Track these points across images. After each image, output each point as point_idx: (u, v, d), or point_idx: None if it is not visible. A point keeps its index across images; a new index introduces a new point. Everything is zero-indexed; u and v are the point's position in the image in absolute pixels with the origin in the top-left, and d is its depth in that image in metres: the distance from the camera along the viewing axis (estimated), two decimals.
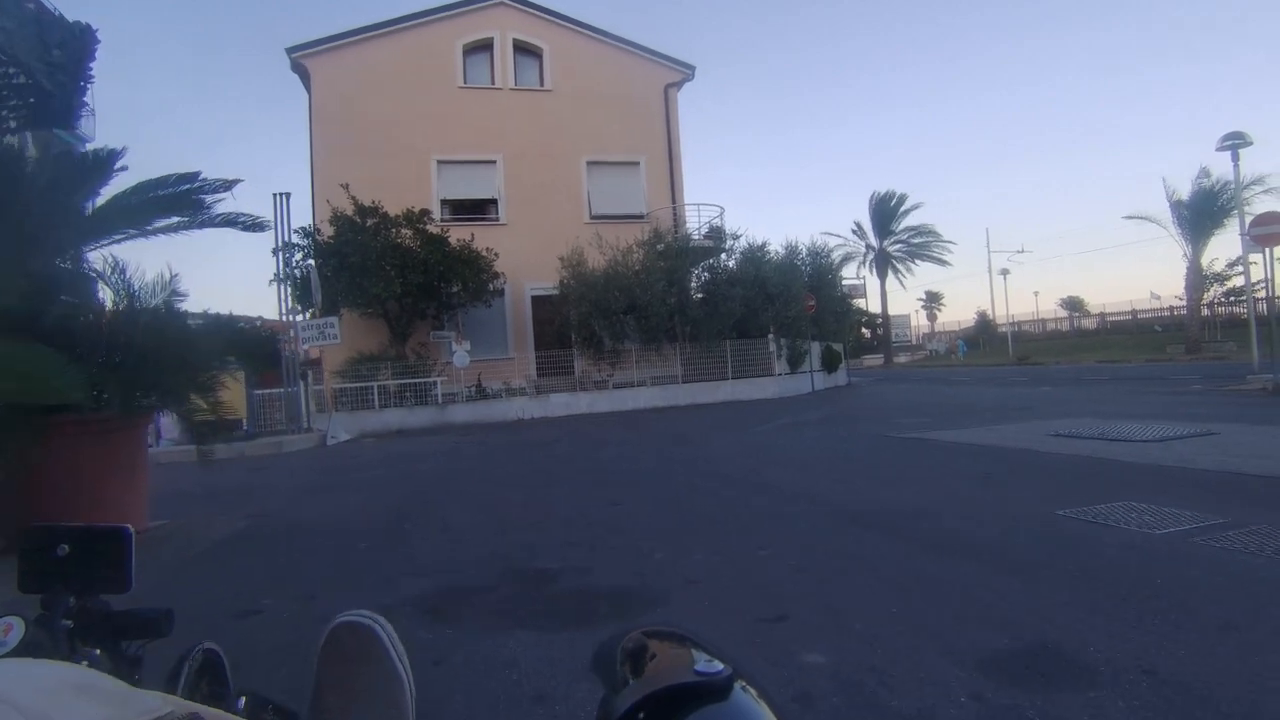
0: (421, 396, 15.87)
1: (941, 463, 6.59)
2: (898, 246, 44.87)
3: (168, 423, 10.33)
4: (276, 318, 12.68)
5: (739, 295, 17.03)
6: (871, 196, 45.37)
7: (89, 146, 7.64)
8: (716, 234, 19.69)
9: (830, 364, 23.64)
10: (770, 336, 18.39)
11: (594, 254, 17.48)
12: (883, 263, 45.06)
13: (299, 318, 12.88)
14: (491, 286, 17.22)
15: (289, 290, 14.26)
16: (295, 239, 15.55)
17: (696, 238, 18.98)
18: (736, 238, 18.54)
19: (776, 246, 19.53)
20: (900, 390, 19.41)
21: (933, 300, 69.61)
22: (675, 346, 17.73)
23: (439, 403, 15.78)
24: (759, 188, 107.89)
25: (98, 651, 0.68)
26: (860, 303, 34.44)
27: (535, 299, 19.33)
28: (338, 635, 0.76)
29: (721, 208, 20.40)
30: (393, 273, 14.93)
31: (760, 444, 8.85)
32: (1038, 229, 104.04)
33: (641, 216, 20.27)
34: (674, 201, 20.90)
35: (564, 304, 17.78)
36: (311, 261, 14.34)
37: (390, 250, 15.33)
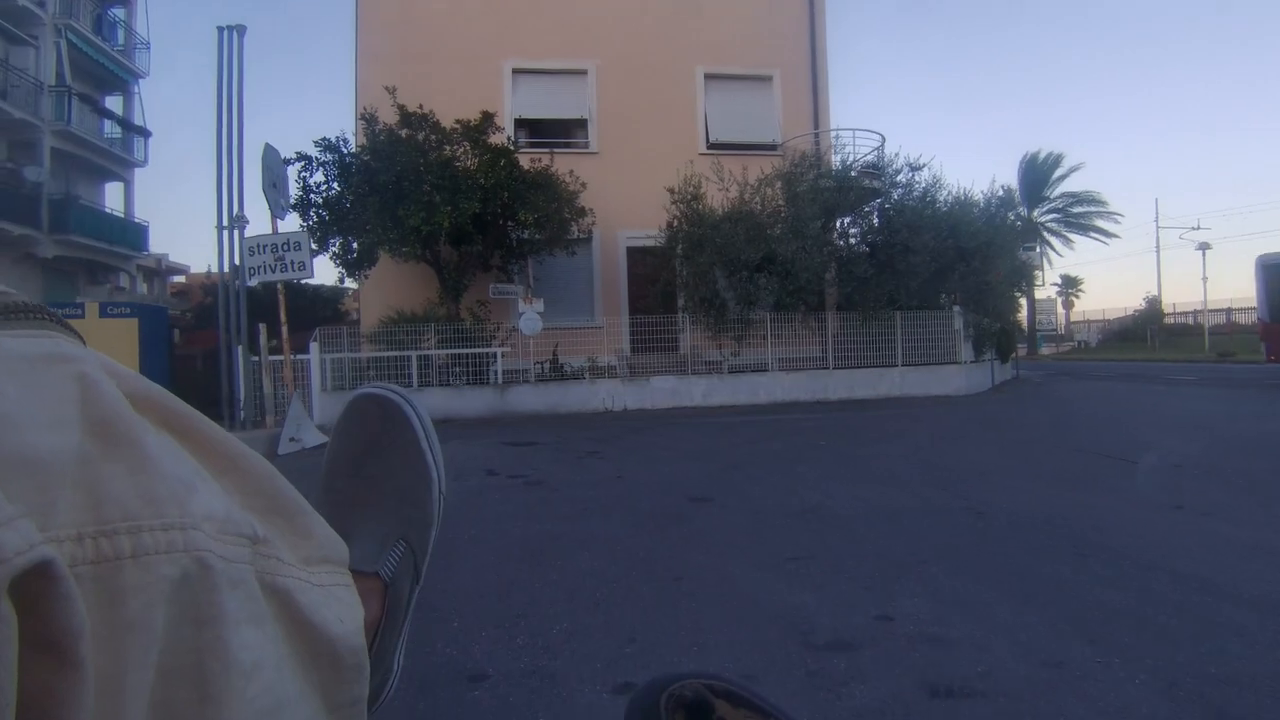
0: (478, 374, 11.57)
1: None
2: (1051, 216, 37.85)
3: None
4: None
5: (929, 247, 11.85)
6: (1022, 157, 38.37)
7: None
8: (873, 170, 14.43)
9: (1005, 351, 18.12)
10: (956, 310, 13.16)
11: (715, 191, 12.70)
12: (1031, 236, 38.13)
13: (252, 233, 8.37)
14: (576, 227, 12.67)
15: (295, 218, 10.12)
16: (315, 154, 11.46)
17: (855, 172, 13.80)
18: (918, 168, 13.23)
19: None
20: (1130, 393, 13.75)
21: (1070, 285, 60.97)
22: (825, 318, 12.75)
23: (499, 383, 11.44)
24: (892, 133, 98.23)
25: None
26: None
27: (631, 250, 14.71)
28: (359, 408, 0.60)
29: (882, 136, 15.04)
30: (439, 199, 10.58)
31: None
32: (1209, 203, 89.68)
33: (774, 147, 15.31)
34: (816, 127, 15.78)
35: (671, 257, 13.11)
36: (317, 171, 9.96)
37: (437, 169, 10.98)
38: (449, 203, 10.57)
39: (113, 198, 24.59)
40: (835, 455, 6.57)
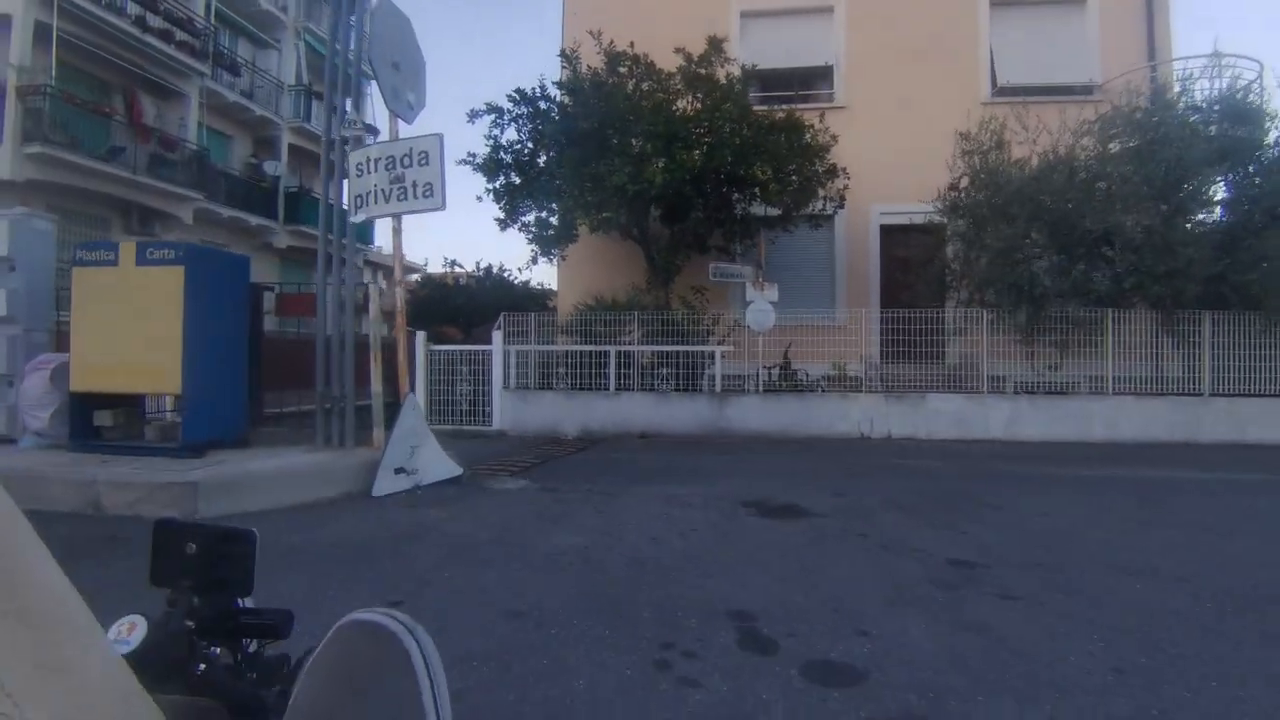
0: (689, 378, 9.04)
1: None
2: None
3: (32, 401, 4.70)
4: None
5: None
6: None
7: None
8: (1250, 114, 9.80)
9: None
10: None
11: (1015, 146, 9.14)
12: None
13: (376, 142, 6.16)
14: (823, 193, 9.74)
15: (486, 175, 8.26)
16: (508, 106, 9.60)
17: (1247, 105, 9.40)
18: None
19: None
20: None
21: None
22: (1194, 319, 8.65)
23: (715, 390, 8.83)
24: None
25: (217, 650, 0.63)
26: None
27: (887, 229, 11.45)
28: (344, 640, 0.46)
29: (1260, 63, 10.44)
30: (650, 149, 8.18)
31: None
32: None
33: (1089, 90, 11.28)
34: (1152, 58, 11.45)
35: (948, 234, 9.72)
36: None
37: (649, 115, 8.60)
38: (662, 154, 8.12)
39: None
40: None
